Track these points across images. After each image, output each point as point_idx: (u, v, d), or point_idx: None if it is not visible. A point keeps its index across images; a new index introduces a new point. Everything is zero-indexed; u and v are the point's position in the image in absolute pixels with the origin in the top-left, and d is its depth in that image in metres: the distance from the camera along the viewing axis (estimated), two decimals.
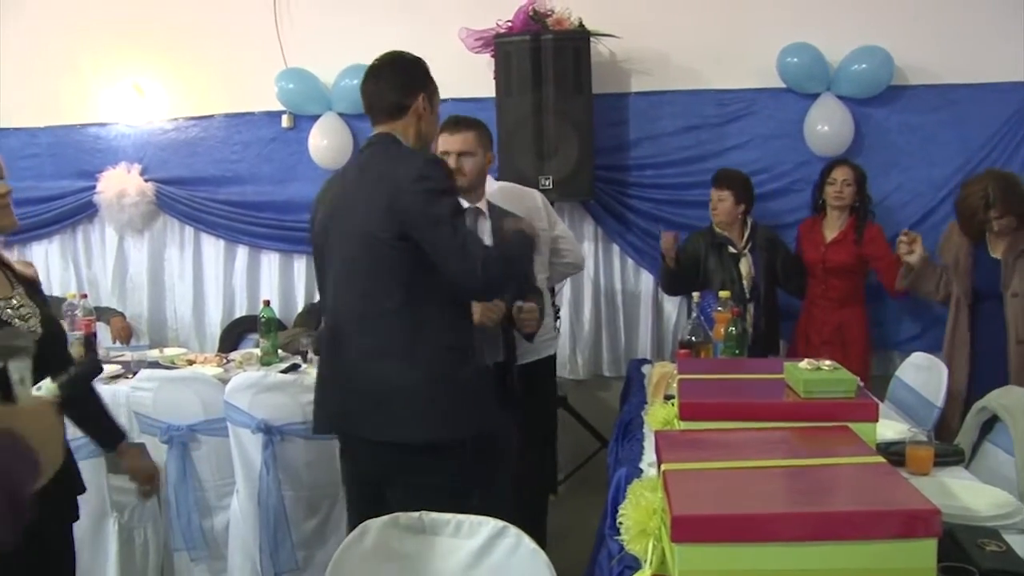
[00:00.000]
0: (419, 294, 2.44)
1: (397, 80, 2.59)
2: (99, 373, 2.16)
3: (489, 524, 1.82)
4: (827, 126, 4.58)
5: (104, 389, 2.30)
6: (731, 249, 4.25)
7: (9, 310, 2.10)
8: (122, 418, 2.55)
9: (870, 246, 4.24)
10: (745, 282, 4.22)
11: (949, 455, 2.42)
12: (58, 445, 1.32)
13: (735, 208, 4.26)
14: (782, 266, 4.29)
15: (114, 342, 4.40)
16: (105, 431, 2.49)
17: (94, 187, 5.12)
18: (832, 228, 4.33)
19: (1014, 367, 3.59)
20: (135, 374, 3.48)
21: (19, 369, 1.48)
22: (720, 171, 4.38)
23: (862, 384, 2.07)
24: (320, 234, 2.61)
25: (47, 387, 2.00)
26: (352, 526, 1.95)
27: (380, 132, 2.58)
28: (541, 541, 2.18)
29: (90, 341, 3.83)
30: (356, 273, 2.49)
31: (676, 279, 4.35)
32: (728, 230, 4.29)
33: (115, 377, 3.66)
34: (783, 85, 4.67)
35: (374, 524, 1.87)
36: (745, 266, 4.24)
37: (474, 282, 2.41)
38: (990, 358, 3.67)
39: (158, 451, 3.38)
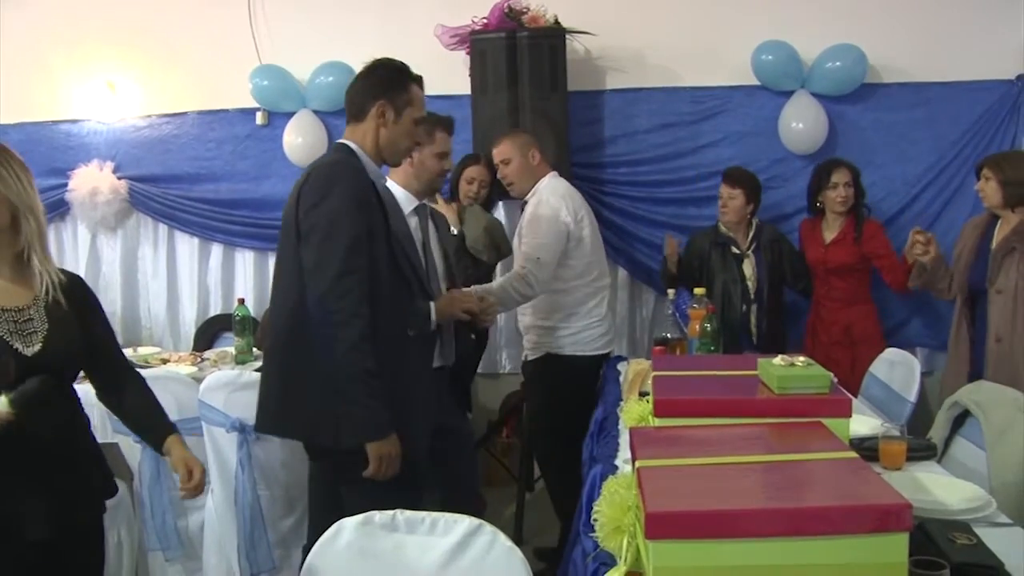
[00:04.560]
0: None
1: (364, 83, 2.67)
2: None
3: (464, 522, 1.82)
4: (801, 123, 4.60)
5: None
6: (734, 250, 4.23)
7: (12, 323, 2.10)
8: (94, 418, 2.49)
9: (870, 243, 4.22)
10: (749, 283, 4.20)
11: (921, 450, 2.44)
12: None
13: (745, 207, 4.23)
14: (789, 266, 4.30)
15: None
16: (151, 431, 2.37)
17: (66, 185, 5.06)
18: (832, 229, 4.30)
19: (991, 365, 3.56)
20: None
21: None
22: (731, 169, 4.34)
23: (836, 380, 2.08)
24: None
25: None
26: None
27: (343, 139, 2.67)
28: (517, 538, 2.18)
29: None
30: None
31: (677, 281, 4.27)
32: (734, 230, 4.27)
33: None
34: (758, 83, 4.69)
35: (349, 523, 1.86)
36: (749, 267, 4.22)
37: (314, 305, 2.48)
38: (981, 356, 3.65)
39: (132, 451, 3.37)
